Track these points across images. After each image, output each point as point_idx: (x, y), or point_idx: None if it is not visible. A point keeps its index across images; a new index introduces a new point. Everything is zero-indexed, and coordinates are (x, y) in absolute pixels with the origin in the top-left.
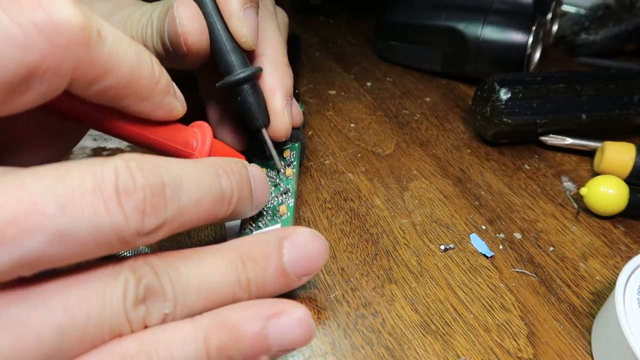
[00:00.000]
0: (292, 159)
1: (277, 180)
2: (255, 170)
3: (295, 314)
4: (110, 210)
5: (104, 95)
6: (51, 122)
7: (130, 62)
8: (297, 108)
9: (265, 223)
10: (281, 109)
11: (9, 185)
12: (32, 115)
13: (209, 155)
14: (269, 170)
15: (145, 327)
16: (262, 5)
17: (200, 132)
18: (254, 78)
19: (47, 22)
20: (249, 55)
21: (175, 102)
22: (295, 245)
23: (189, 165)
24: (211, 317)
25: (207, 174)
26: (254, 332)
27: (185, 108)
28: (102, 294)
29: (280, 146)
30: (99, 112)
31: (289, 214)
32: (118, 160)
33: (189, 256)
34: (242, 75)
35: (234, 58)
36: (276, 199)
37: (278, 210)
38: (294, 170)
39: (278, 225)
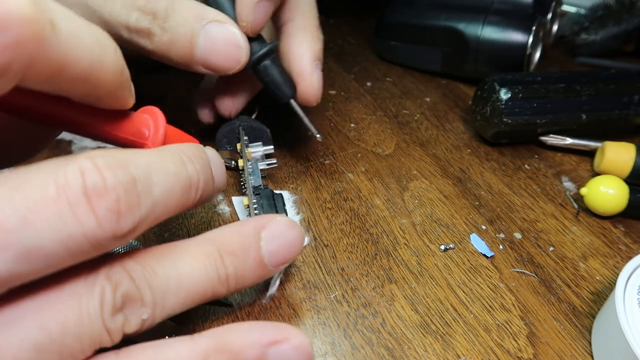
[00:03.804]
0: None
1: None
2: (212, 153)
3: (295, 341)
4: (80, 216)
5: (58, 90)
6: (13, 122)
7: (90, 54)
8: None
9: None
10: (309, 73)
11: None
12: None
13: (163, 143)
14: (249, 161)
15: (124, 334)
16: None
17: (153, 119)
18: (272, 53)
19: None
20: (279, 20)
21: (130, 93)
22: (273, 236)
23: (154, 156)
24: (211, 338)
25: (173, 163)
26: (254, 358)
27: (134, 98)
28: (78, 306)
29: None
30: (42, 103)
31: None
32: (82, 160)
33: (165, 255)
34: (257, 55)
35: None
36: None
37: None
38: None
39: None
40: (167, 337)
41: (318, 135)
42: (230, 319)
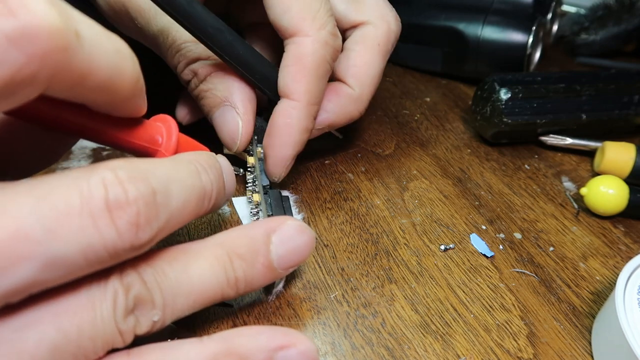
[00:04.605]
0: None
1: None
2: (223, 162)
3: (302, 347)
4: (101, 227)
5: (78, 98)
6: (32, 133)
7: (108, 62)
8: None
9: None
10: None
11: None
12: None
13: (176, 151)
14: (259, 160)
15: (136, 335)
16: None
17: (165, 127)
18: None
19: (20, 31)
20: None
21: (144, 100)
22: (283, 240)
23: (170, 166)
24: (219, 341)
25: (188, 173)
26: None
27: (147, 105)
28: (92, 308)
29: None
30: (60, 111)
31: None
32: (105, 171)
33: (176, 258)
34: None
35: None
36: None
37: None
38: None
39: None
40: (168, 339)
41: (341, 136)
42: (231, 319)
